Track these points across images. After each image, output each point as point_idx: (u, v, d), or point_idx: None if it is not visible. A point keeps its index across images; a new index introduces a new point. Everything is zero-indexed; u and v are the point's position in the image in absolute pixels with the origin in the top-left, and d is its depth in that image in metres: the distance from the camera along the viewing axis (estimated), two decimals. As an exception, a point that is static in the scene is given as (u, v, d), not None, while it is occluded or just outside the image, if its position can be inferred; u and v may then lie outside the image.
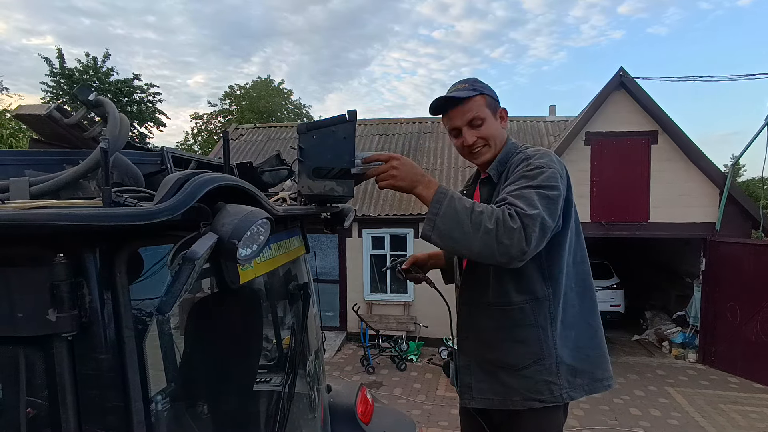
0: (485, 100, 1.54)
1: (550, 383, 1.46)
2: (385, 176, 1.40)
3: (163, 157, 1.24)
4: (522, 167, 1.44)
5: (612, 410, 5.84)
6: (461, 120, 1.53)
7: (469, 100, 1.52)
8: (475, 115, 1.52)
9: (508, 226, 1.26)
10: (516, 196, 1.34)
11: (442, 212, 1.32)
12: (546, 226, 1.31)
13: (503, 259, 1.30)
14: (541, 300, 1.47)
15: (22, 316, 0.80)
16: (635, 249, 10.98)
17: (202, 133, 26.23)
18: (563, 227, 1.47)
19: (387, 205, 8.75)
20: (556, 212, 1.37)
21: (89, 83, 16.85)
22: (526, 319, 1.46)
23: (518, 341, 1.47)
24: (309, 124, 1.43)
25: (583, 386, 1.50)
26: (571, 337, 1.50)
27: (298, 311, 1.70)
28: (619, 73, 7.41)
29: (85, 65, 18.40)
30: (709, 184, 7.42)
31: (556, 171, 1.41)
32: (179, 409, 1.21)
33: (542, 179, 1.37)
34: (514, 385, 1.48)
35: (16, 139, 11.38)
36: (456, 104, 1.53)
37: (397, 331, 8.25)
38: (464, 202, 1.33)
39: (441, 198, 1.33)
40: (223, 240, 0.83)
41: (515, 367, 1.48)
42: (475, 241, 1.28)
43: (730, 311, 7.20)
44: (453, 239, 1.31)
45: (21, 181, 0.91)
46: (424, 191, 1.38)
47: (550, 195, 1.35)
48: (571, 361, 1.48)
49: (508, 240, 1.26)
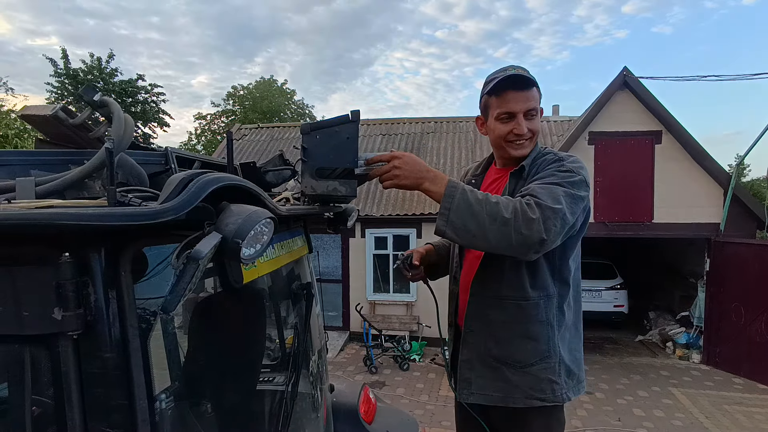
0: (539, 92, 1.50)
1: (553, 382, 1.45)
2: (388, 176, 1.40)
3: (167, 157, 1.25)
4: (554, 166, 1.44)
5: (615, 411, 5.83)
6: (521, 105, 1.46)
7: (531, 89, 1.47)
8: (534, 106, 1.47)
9: (527, 216, 1.26)
10: (542, 188, 1.34)
11: (455, 206, 1.30)
12: (566, 222, 1.31)
13: (521, 249, 1.28)
14: (551, 297, 1.46)
15: (28, 314, 0.81)
16: (639, 249, 10.94)
17: (205, 134, 26.29)
18: (578, 233, 1.48)
19: (390, 205, 8.75)
20: (577, 213, 1.38)
21: (94, 84, 16.92)
22: (540, 315, 1.45)
23: (529, 337, 1.45)
24: (312, 124, 1.44)
25: (573, 387, 1.51)
26: (566, 339, 1.51)
27: (301, 311, 1.71)
28: (623, 72, 7.38)
29: (89, 66, 18.46)
30: (714, 184, 7.39)
31: (584, 179, 1.42)
32: (183, 408, 1.21)
33: (572, 181, 1.38)
34: (517, 382, 1.46)
35: (21, 140, 11.45)
36: (521, 87, 1.46)
37: (400, 331, 8.26)
38: (477, 194, 1.32)
39: (453, 191, 1.32)
40: (227, 239, 0.84)
41: (521, 364, 1.46)
42: (492, 232, 1.27)
43: (734, 312, 7.17)
44: (468, 232, 1.29)
45: (27, 181, 0.91)
46: (432, 187, 1.36)
47: (574, 194, 1.36)
48: (568, 362, 1.49)
49: (527, 230, 1.25)
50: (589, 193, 1.46)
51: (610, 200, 7.43)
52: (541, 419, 1.50)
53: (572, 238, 1.46)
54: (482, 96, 1.56)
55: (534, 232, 1.25)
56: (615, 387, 6.66)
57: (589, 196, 1.47)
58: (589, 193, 1.45)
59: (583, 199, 1.40)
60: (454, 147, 10.41)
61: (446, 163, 9.87)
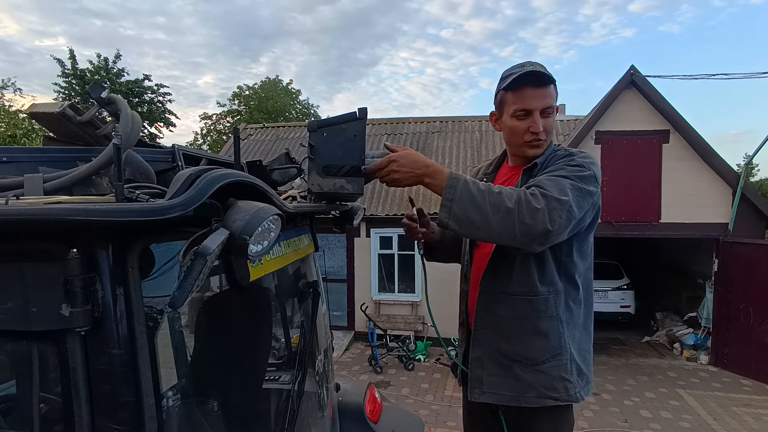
0: (555, 90, 1.47)
1: (566, 380, 1.44)
2: (387, 179, 1.40)
3: (174, 155, 1.25)
4: (564, 161, 1.43)
5: (622, 412, 5.79)
6: (538, 103, 1.43)
7: (549, 86, 1.44)
8: (551, 104, 1.45)
9: (531, 206, 1.24)
10: (549, 180, 1.33)
11: (457, 197, 1.29)
12: (572, 215, 1.29)
13: (525, 240, 1.27)
14: (560, 293, 1.45)
15: (36, 310, 0.81)
16: (646, 249, 10.87)
17: (211, 133, 26.41)
18: (587, 229, 1.45)
19: (395, 205, 8.75)
20: (584, 208, 1.35)
21: (100, 83, 17.05)
22: (550, 310, 1.43)
23: (539, 333, 1.44)
24: (320, 122, 1.43)
25: (583, 387, 1.50)
26: (576, 337, 1.49)
27: (307, 309, 1.70)
28: (630, 71, 7.33)
29: (96, 66, 18.62)
30: (722, 184, 7.32)
31: (594, 174, 1.40)
32: (190, 405, 1.21)
33: (581, 175, 1.36)
34: (529, 380, 1.44)
35: (30, 139, 11.56)
36: (538, 84, 1.43)
37: (405, 331, 8.25)
38: (479, 185, 1.30)
39: (454, 183, 1.31)
40: (234, 236, 0.84)
41: (533, 362, 1.44)
42: (495, 222, 1.25)
43: (743, 313, 7.10)
44: (471, 222, 1.28)
45: (35, 178, 0.91)
46: (433, 181, 1.35)
47: (582, 188, 1.34)
48: (578, 361, 1.47)
49: (530, 220, 1.24)
50: (599, 188, 1.43)
51: (617, 200, 7.37)
52: (550, 420, 1.48)
53: (580, 235, 1.44)
54: (498, 91, 1.54)
55: (538, 222, 1.23)
56: (622, 388, 6.62)
57: (599, 192, 1.45)
58: (599, 188, 1.43)
59: (592, 194, 1.37)
60: (460, 147, 10.39)
61: (451, 163, 9.85)
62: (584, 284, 1.51)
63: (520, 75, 1.43)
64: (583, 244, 1.48)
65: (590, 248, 1.53)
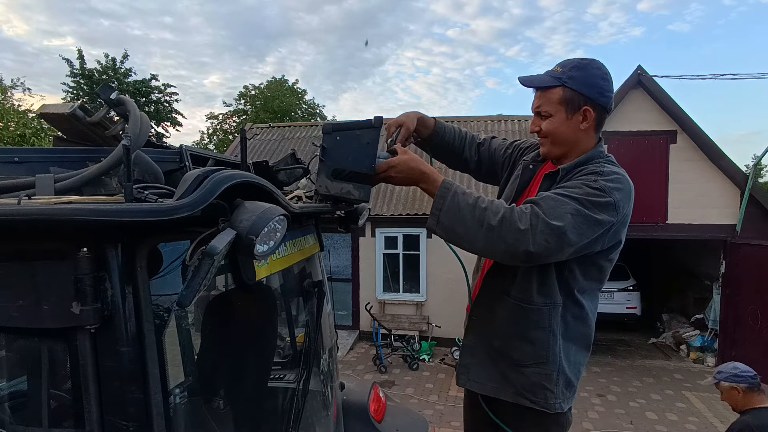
0: (564, 93, 1.42)
1: (546, 389, 1.44)
2: (385, 182, 1.48)
3: (182, 155, 1.26)
4: (586, 179, 1.35)
5: (627, 414, 5.76)
6: (534, 104, 1.50)
7: (546, 90, 1.45)
8: (541, 108, 1.47)
9: (515, 227, 1.24)
10: (553, 199, 1.29)
11: (445, 207, 1.33)
12: (566, 242, 1.25)
13: (507, 257, 1.30)
14: (557, 306, 1.44)
15: (47, 308, 0.83)
16: (653, 250, 10.80)
17: (217, 133, 26.51)
18: (598, 255, 1.40)
19: (400, 205, 8.75)
20: (589, 236, 1.28)
21: (109, 83, 17.18)
22: (543, 321, 1.44)
23: (527, 340, 1.45)
24: (334, 125, 1.45)
25: (568, 399, 1.50)
26: (572, 351, 1.49)
27: (312, 309, 1.72)
28: (637, 71, 7.30)
29: (104, 66, 18.73)
30: (730, 185, 7.27)
31: (613, 202, 1.30)
32: (196, 402, 1.23)
33: (594, 201, 1.28)
34: (512, 379, 1.48)
35: (38, 138, 11.67)
36: (533, 87, 1.50)
37: (410, 331, 8.25)
38: (467, 198, 1.32)
39: (444, 193, 1.34)
40: (241, 236, 0.85)
41: (517, 363, 1.47)
42: (478, 237, 1.28)
43: (750, 315, 7.04)
44: (456, 234, 1.33)
45: (46, 178, 0.93)
46: (428, 187, 1.40)
47: (589, 216, 1.27)
48: (568, 374, 1.47)
49: (512, 239, 1.24)
50: (623, 215, 1.33)
51: (624, 201, 7.32)
52: (538, 422, 1.49)
53: (588, 258, 1.39)
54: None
55: (520, 243, 1.23)
56: (627, 390, 6.59)
57: (628, 220, 1.37)
58: (623, 213, 1.33)
59: (601, 223, 1.28)
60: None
61: (457, 163, 9.82)
62: (592, 299, 1.50)
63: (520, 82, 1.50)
64: (590, 267, 1.43)
65: (601, 272, 1.47)
